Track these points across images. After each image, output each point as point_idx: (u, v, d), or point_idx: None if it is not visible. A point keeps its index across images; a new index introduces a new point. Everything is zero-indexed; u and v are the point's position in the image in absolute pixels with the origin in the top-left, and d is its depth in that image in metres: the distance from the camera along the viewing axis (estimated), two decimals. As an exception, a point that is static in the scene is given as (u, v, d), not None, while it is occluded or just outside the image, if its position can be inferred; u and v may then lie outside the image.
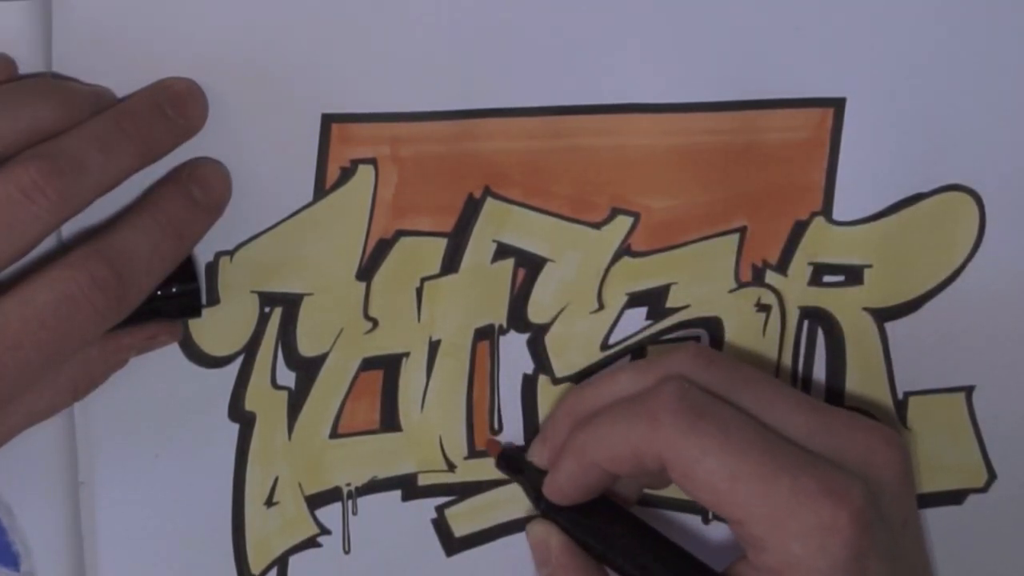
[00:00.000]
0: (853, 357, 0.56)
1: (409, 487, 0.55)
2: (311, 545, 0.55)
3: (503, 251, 0.53)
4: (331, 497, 0.54)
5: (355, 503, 0.55)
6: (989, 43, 0.54)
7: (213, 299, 0.51)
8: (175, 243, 0.48)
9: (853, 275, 0.55)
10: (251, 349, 0.52)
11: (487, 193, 0.52)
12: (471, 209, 0.52)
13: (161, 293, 0.48)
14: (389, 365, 0.54)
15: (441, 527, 0.55)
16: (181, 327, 0.51)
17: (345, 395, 0.54)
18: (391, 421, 0.54)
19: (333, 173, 0.51)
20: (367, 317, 0.53)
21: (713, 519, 0.57)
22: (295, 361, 0.53)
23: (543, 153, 0.52)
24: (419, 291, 0.53)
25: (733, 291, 0.55)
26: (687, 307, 0.55)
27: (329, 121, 0.50)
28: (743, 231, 0.54)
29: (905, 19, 0.53)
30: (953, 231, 0.55)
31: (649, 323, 0.55)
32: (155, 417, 0.52)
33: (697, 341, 0.55)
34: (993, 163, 0.55)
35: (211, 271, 0.51)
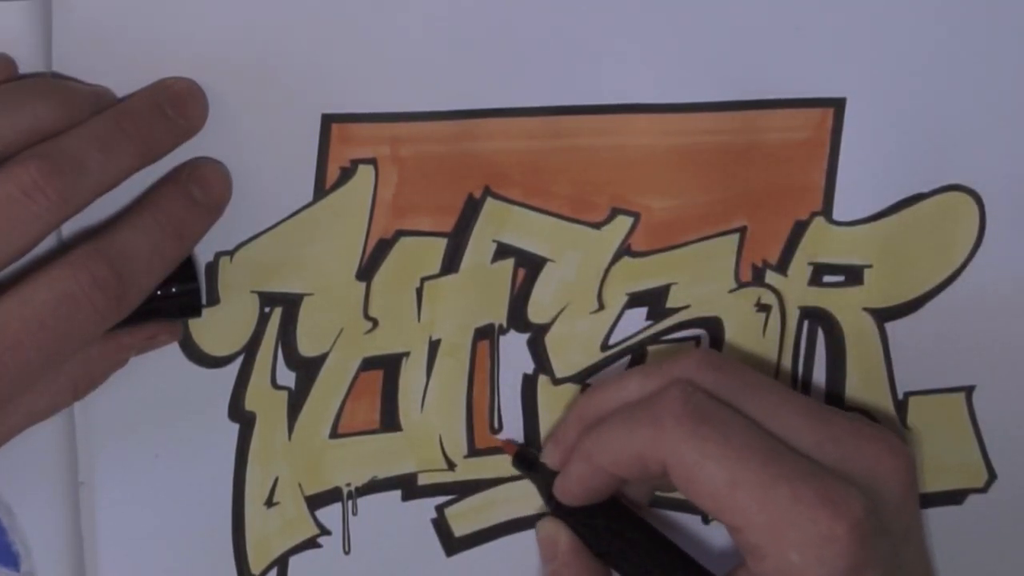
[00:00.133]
0: (853, 357, 0.56)
1: (409, 487, 0.55)
2: (311, 545, 0.55)
3: (503, 251, 0.53)
4: (331, 497, 0.54)
5: (355, 503, 0.55)
6: (989, 43, 0.54)
7: (213, 299, 0.51)
8: (175, 243, 0.48)
9: (853, 275, 0.55)
10: (251, 349, 0.52)
11: (487, 193, 0.52)
12: (471, 209, 0.52)
13: (161, 293, 0.48)
14: (389, 365, 0.54)
15: (441, 527, 0.55)
16: (181, 327, 0.51)
17: (345, 395, 0.54)
18: (391, 421, 0.54)
19: (333, 173, 0.51)
20: (367, 317, 0.53)
21: (713, 520, 0.57)
22: (295, 361, 0.53)
23: (543, 153, 0.52)
24: (419, 291, 0.53)
25: (733, 291, 0.55)
26: (687, 307, 0.55)
27: (329, 121, 0.50)
28: (743, 231, 0.54)
29: (905, 19, 0.53)
30: (953, 231, 0.55)
31: (649, 323, 0.55)
32: (155, 417, 0.52)
33: (697, 341, 0.55)
34: (993, 163, 0.55)
35: (211, 271, 0.51)
